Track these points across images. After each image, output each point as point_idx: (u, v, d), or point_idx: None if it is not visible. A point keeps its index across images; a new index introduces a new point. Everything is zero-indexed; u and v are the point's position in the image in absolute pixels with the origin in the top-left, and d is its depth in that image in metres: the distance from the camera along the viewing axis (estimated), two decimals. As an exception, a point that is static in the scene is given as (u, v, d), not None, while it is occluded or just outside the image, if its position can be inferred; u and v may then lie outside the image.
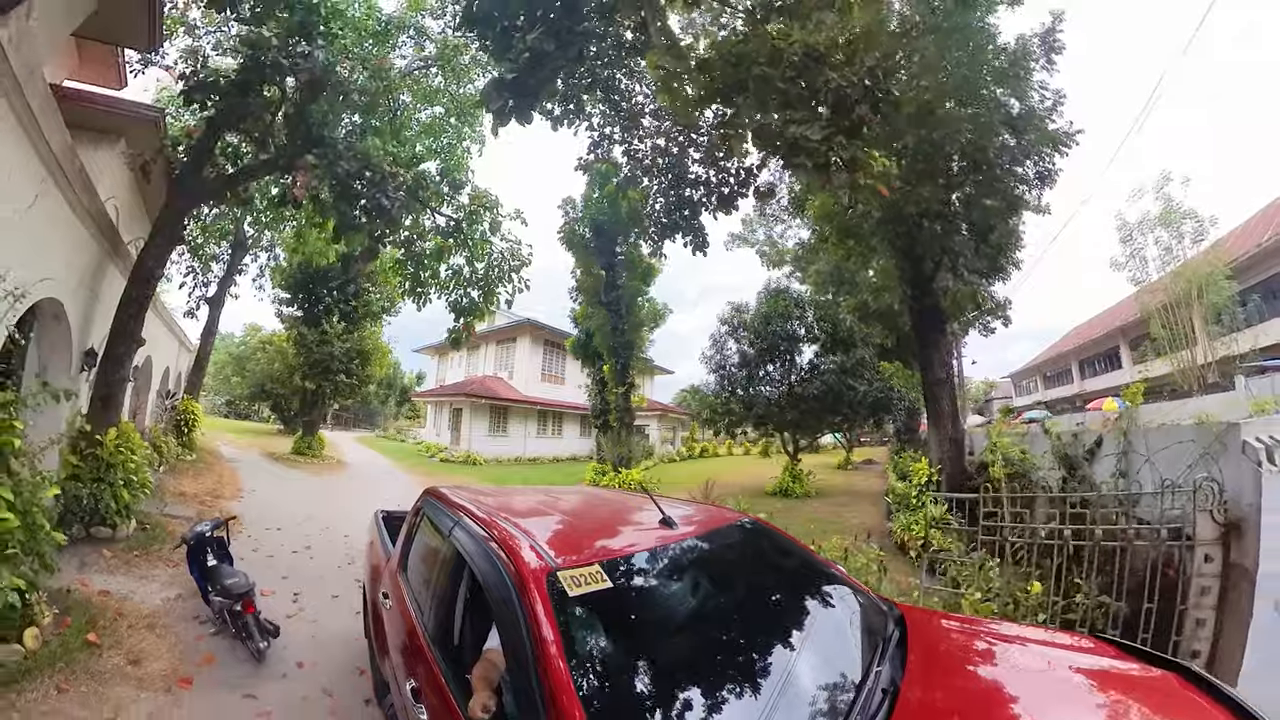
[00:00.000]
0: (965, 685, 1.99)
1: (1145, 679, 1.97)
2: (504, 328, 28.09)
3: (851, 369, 15.71)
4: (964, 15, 9.29)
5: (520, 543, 2.08)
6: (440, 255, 9.61)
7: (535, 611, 1.69)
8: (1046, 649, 2.22)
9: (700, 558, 2.43)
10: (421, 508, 3.29)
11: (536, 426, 28.29)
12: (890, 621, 2.33)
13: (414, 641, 2.45)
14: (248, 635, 4.09)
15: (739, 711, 1.65)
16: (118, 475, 5.88)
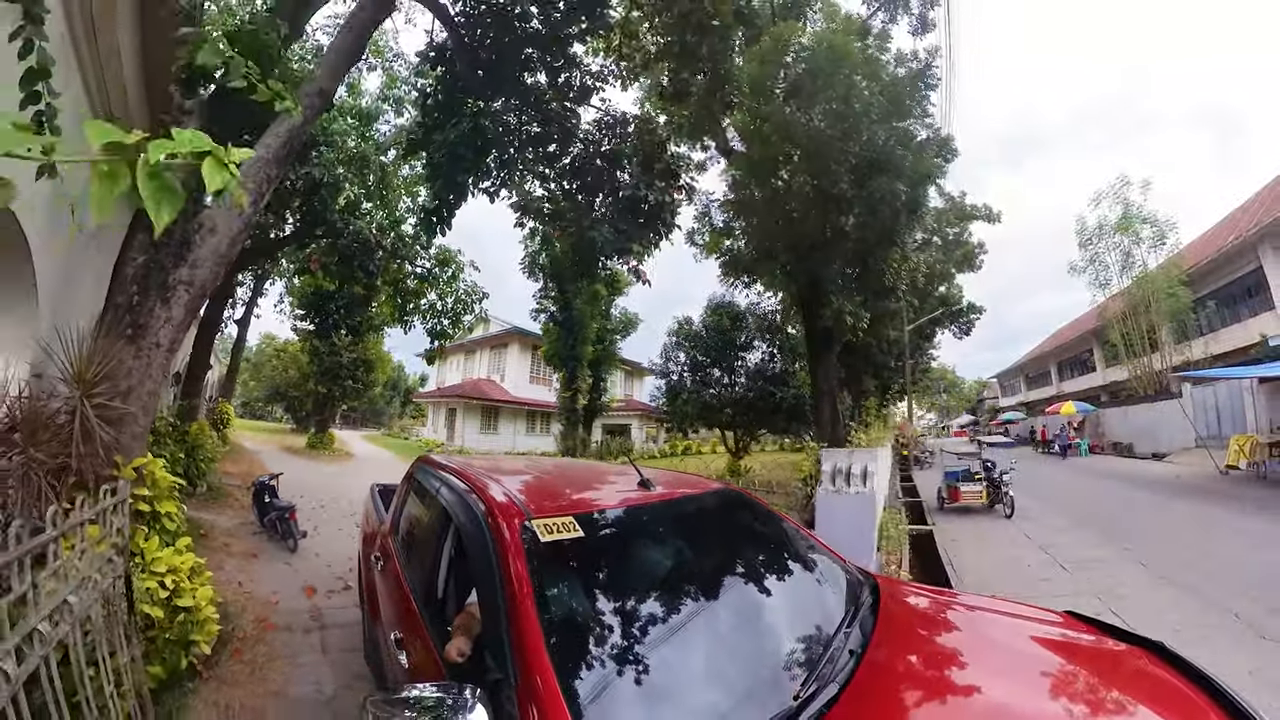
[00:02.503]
0: (929, 650, 2.16)
1: (1113, 652, 2.13)
2: (497, 334, 32.83)
3: (774, 377, 19.06)
4: (836, 66, 11.60)
5: (497, 494, 2.30)
6: (419, 293, 13.70)
7: (507, 557, 1.86)
8: (1015, 620, 2.42)
9: (676, 517, 2.64)
10: (414, 473, 3.62)
11: (525, 425, 32.97)
12: (864, 589, 2.53)
13: (402, 597, 2.72)
14: (288, 534, 7.74)
15: (707, 665, 1.81)
16: (198, 453, 9.84)
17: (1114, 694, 1.82)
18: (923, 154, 14.51)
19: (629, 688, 1.63)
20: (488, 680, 1.63)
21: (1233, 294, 23.64)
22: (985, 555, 8.96)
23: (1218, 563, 7.73)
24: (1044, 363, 44.24)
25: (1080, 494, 15.39)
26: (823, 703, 1.64)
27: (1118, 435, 26.80)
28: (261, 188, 4.90)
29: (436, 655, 2.04)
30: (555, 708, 1.44)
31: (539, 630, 1.63)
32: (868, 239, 13.75)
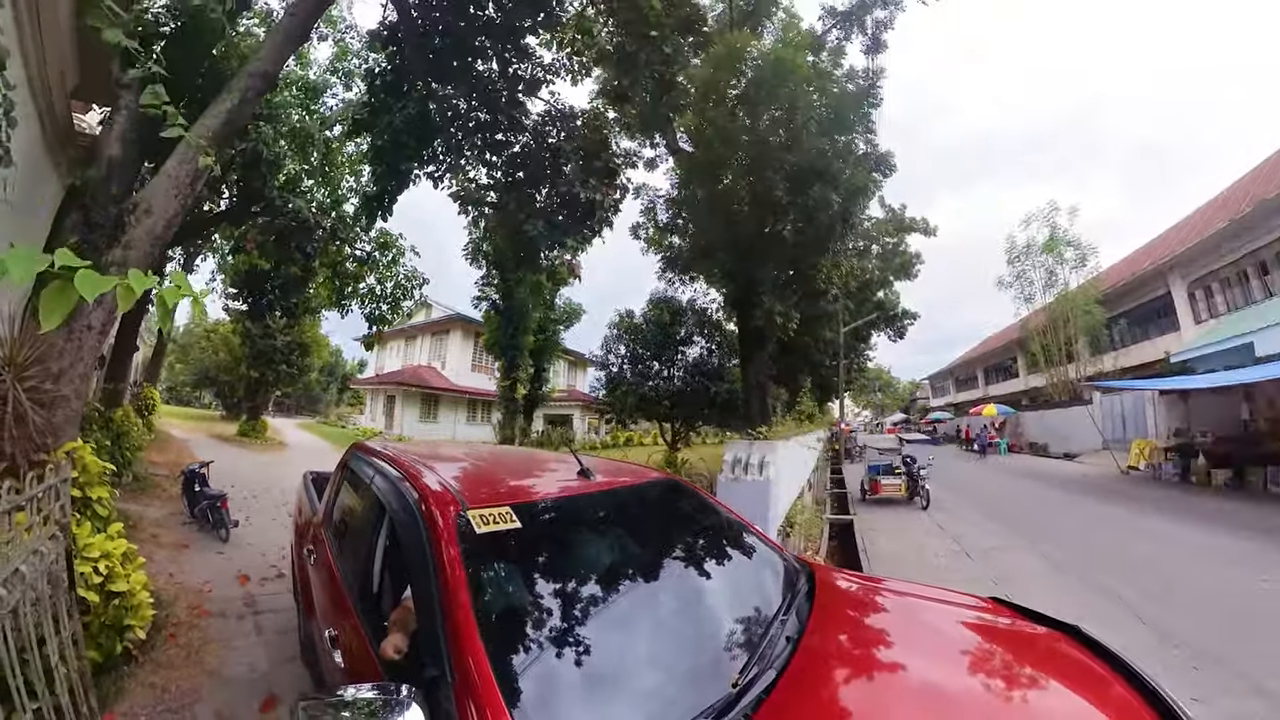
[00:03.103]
0: (863, 635, 2.27)
1: (1036, 636, 2.26)
2: (439, 321, 32.22)
3: (711, 372, 19.39)
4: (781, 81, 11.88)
5: (432, 484, 2.26)
6: (358, 276, 13.36)
7: (442, 549, 1.83)
8: (944, 607, 2.52)
9: (616, 506, 2.64)
10: (347, 461, 3.50)
11: (466, 413, 32.37)
12: (800, 577, 2.57)
13: (336, 591, 2.63)
14: (220, 524, 7.49)
15: (647, 655, 1.83)
16: (124, 441, 9.33)
17: (1033, 673, 1.98)
18: (860, 167, 15.02)
19: (569, 680, 1.64)
20: (425, 678, 1.58)
21: (1143, 315, 25.74)
22: (899, 543, 9.51)
23: (1109, 553, 8.49)
24: (972, 367, 47.13)
25: (994, 489, 16.41)
26: (760, 689, 1.70)
27: (1034, 436, 28.69)
28: (198, 170, 4.75)
29: (372, 653, 1.97)
30: (493, 704, 1.42)
31: (474, 625, 1.61)
32: (802, 244, 14.26)
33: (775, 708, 1.64)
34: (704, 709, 1.58)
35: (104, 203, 4.38)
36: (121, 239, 4.24)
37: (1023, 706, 1.80)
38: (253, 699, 3.72)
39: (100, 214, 4.31)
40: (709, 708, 1.59)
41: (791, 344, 20.61)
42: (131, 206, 4.35)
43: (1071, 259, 27.11)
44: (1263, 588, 6.53)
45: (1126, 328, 27.00)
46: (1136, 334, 26.37)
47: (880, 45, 14.77)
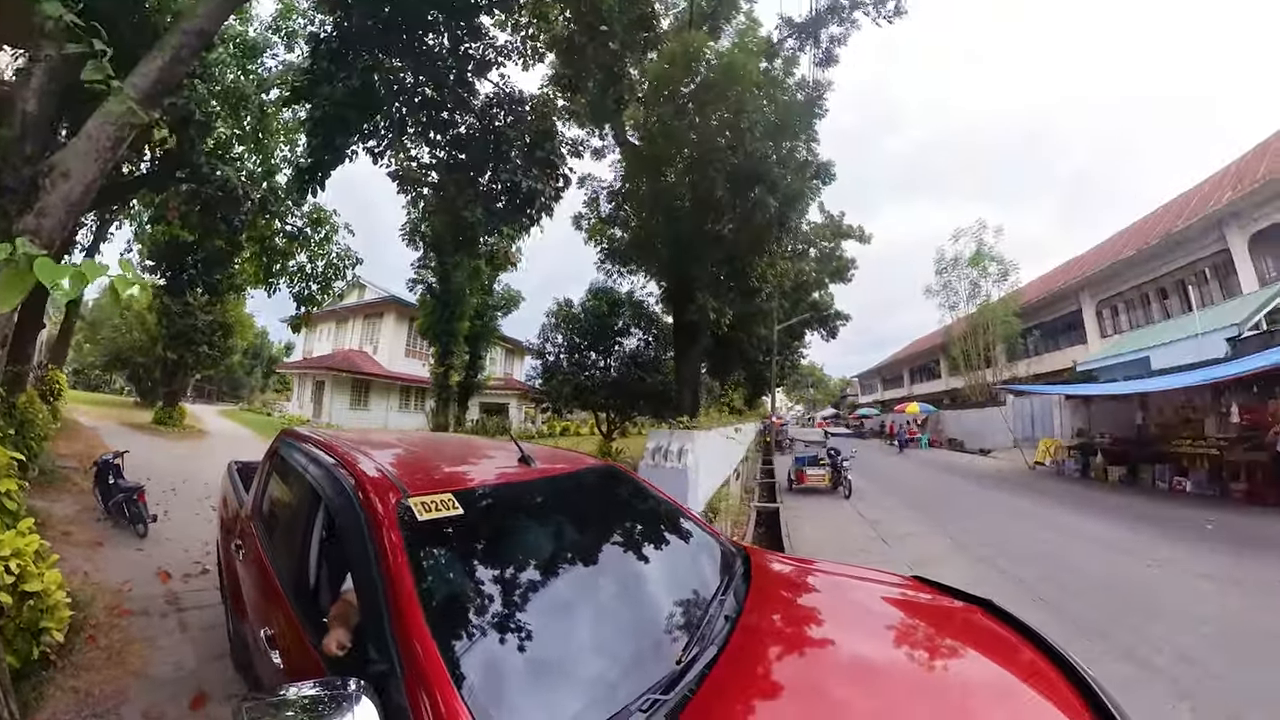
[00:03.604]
0: (796, 613, 2.39)
1: (953, 609, 2.45)
2: (372, 303, 30.81)
3: (647, 363, 19.51)
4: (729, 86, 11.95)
5: (371, 472, 2.18)
6: (287, 253, 12.66)
7: (383, 538, 1.78)
8: (870, 585, 2.68)
9: (558, 494, 2.65)
10: (277, 448, 3.36)
11: (399, 401, 31.20)
12: (737, 560, 2.66)
13: (269, 588, 2.50)
14: (137, 519, 6.99)
15: (595, 637, 1.86)
16: (28, 430, 8.52)
17: (951, 642, 2.16)
18: (801, 174, 15.39)
19: (520, 665, 1.65)
20: (372, 672, 1.55)
21: (1056, 328, 28.41)
22: (821, 529, 9.94)
23: (1012, 540, 9.15)
24: (899, 368, 49.93)
25: (913, 481, 17.31)
26: (704, 664, 1.78)
27: (953, 433, 30.52)
28: (123, 132, 4.44)
29: (314, 650, 1.88)
30: (446, 693, 1.41)
31: (422, 615, 1.58)
32: (740, 244, 14.60)
33: (717, 682, 1.72)
34: (651, 686, 1.65)
35: (17, 164, 4.03)
36: (35, 205, 3.90)
37: (943, 672, 1.96)
38: (181, 697, 3.58)
39: (12, 177, 3.96)
40: (655, 684, 1.66)
41: (726, 339, 20.89)
42: (47, 169, 4.02)
43: (995, 273, 29.19)
44: (1146, 572, 7.22)
45: (1040, 338, 29.58)
46: (1049, 344, 29.00)
47: (832, 59, 15.11)
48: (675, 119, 12.68)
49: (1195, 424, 14.07)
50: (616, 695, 1.61)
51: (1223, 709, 3.73)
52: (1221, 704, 3.79)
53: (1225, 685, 4.04)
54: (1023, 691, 1.84)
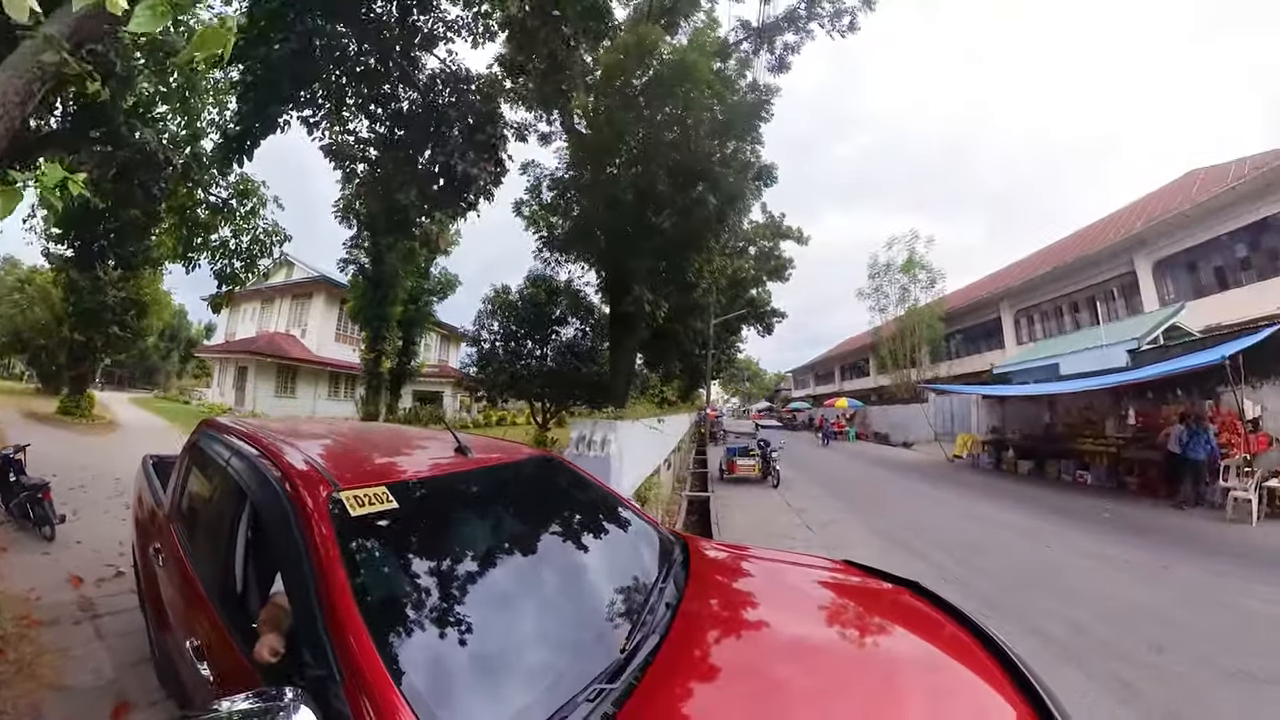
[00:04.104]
0: (734, 598, 2.43)
1: (882, 590, 2.56)
2: (301, 282, 29.00)
3: (584, 353, 19.28)
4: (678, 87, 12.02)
5: (300, 465, 2.06)
6: (210, 226, 11.79)
7: (315, 535, 1.69)
8: (804, 569, 2.77)
9: (497, 484, 2.59)
10: (197, 441, 3.15)
11: (328, 388, 29.55)
12: (675, 548, 2.69)
13: (193, 594, 2.33)
14: (43, 520, 6.32)
15: (538, 629, 1.82)
16: None
17: (881, 620, 2.27)
18: (743, 174, 15.59)
19: (463, 662, 1.60)
20: (309, 678, 1.47)
21: (977, 333, 30.42)
22: (748, 517, 10.16)
23: (927, 526, 9.63)
24: (831, 365, 51.79)
25: (839, 472, 17.84)
26: (647, 652, 1.78)
27: (879, 427, 31.84)
28: (33, 86, 3.99)
29: (245, 659, 1.76)
30: (388, 695, 1.35)
31: (358, 615, 1.50)
32: (678, 239, 14.64)
33: (661, 668, 1.72)
34: (596, 675, 1.63)
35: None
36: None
37: (875, 648, 2.05)
38: (102, 708, 3.29)
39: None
40: (602, 673, 1.64)
41: (664, 331, 21.07)
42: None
43: (924, 280, 30.98)
44: (1048, 554, 7.78)
45: (962, 342, 31.48)
46: (970, 348, 30.95)
47: (785, 65, 15.35)
48: (623, 110, 12.58)
49: (1096, 424, 15.04)
50: (562, 686, 1.57)
51: (1109, 673, 4.11)
52: (1108, 669, 4.17)
53: (1111, 653, 4.44)
54: (949, 664, 1.95)
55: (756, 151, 18.30)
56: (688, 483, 14.87)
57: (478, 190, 9.48)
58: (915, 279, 31.10)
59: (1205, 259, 18.11)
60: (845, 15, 14.42)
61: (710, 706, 1.65)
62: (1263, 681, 3.98)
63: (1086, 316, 22.23)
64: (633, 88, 12.52)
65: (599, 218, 14.58)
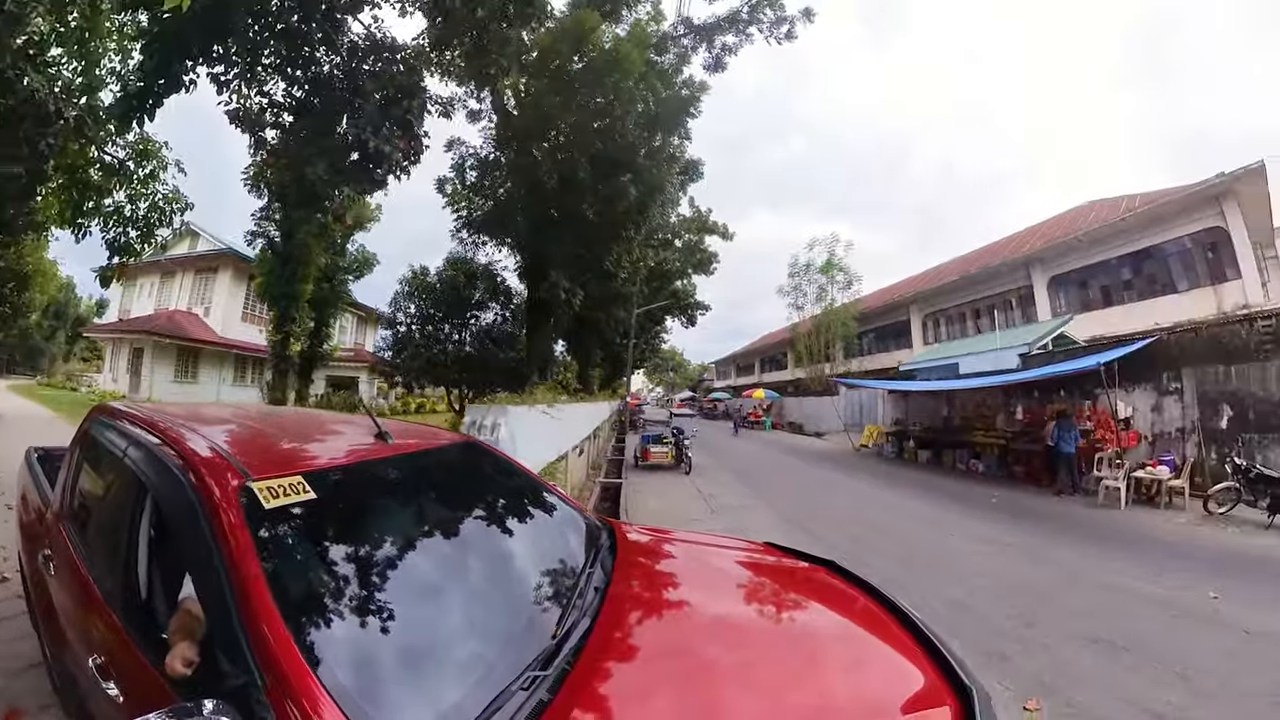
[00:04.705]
0: (660, 580, 2.49)
1: (802, 569, 2.66)
2: (205, 255, 26.57)
3: (502, 339, 18.91)
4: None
5: (206, 454, 1.89)
6: (103, 189, 10.63)
7: (226, 532, 1.55)
8: (727, 551, 2.86)
9: (419, 471, 2.47)
10: (89, 430, 2.87)
11: (234, 372, 27.36)
12: (602, 533, 2.69)
13: (92, 604, 2.10)
14: None
15: (468, 619, 1.77)
16: None
17: (801, 598, 2.40)
18: (668, 168, 15.69)
19: (393, 657, 1.52)
20: (229, 687, 1.35)
21: (888, 333, 32.25)
22: (659, 502, 10.43)
23: (829, 509, 10.22)
24: (751, 357, 53.82)
25: (752, 459, 18.51)
26: (579, 636, 1.77)
27: (794, 417, 33.32)
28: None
29: (157, 673, 1.57)
30: (315, 698, 1.27)
31: (278, 616, 1.39)
32: (599, 227, 14.75)
33: (593, 652, 1.71)
34: (530, 662, 1.60)
35: None
36: None
37: (795, 624, 2.19)
38: None
39: None
40: (534, 660, 1.62)
41: (585, 319, 20.94)
42: None
43: (841, 281, 32.47)
44: (938, 536, 8.34)
45: (874, 340, 33.29)
46: (880, 346, 32.79)
47: (721, 65, 15.50)
48: (555, 94, 12.36)
49: (989, 419, 16.20)
50: (496, 676, 1.53)
51: (985, 645, 4.44)
52: (984, 642, 4.51)
53: (988, 627, 4.82)
54: (864, 636, 2.07)
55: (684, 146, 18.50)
56: (603, 469, 14.98)
57: (391, 167, 9.01)
58: (833, 280, 32.47)
59: (1094, 278, 20.38)
60: (785, 23, 14.71)
61: (641, 686, 1.67)
62: (1120, 648, 4.41)
63: (987, 322, 24.00)
64: (568, 72, 12.30)
65: (521, 201, 14.35)
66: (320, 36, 8.40)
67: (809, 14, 14.59)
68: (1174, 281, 17.84)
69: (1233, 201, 16.05)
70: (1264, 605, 5.30)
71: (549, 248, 14.66)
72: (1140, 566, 6.64)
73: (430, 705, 1.41)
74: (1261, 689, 3.75)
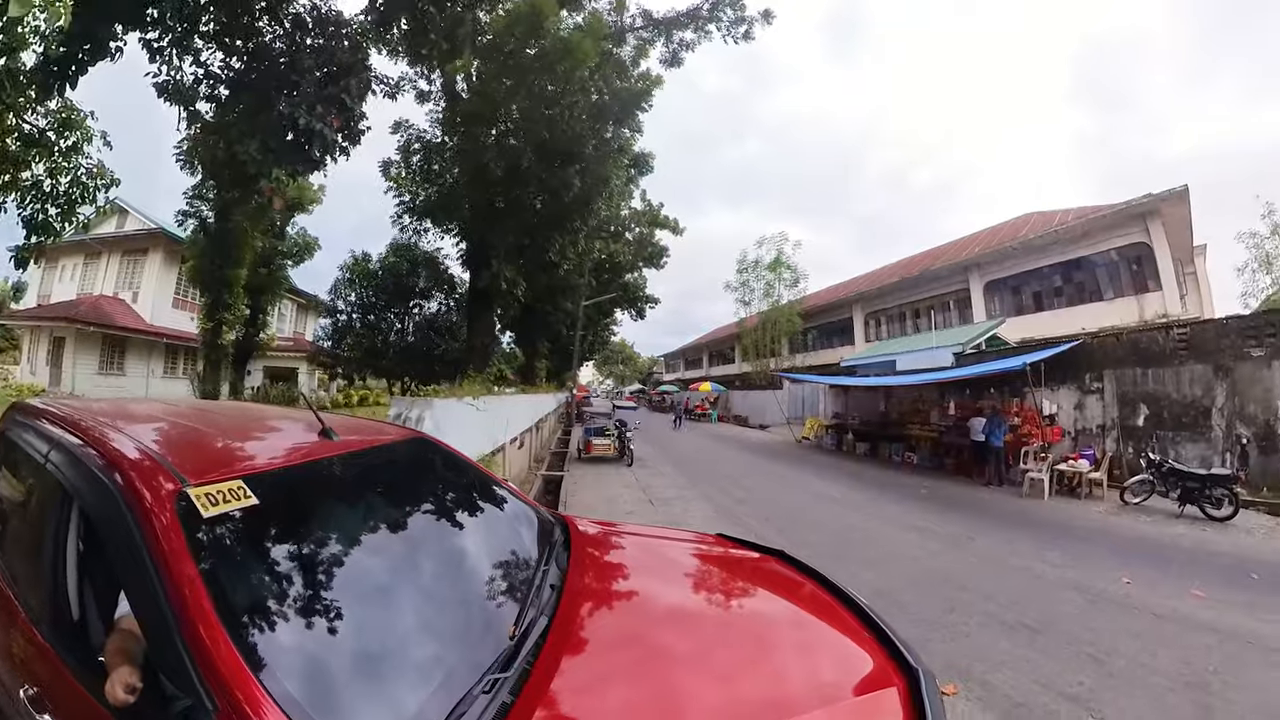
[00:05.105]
0: (616, 574, 2.50)
1: (752, 559, 2.73)
2: (134, 235, 24.54)
3: (445, 329, 18.55)
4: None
5: (136, 458, 1.73)
6: (21, 160, 9.83)
7: (162, 544, 1.43)
8: (681, 543, 2.89)
9: (368, 471, 2.36)
10: (5, 430, 2.60)
11: (164, 364, 25.30)
12: (555, 528, 2.68)
13: (16, 628, 1.92)
14: None
15: (425, 623, 1.71)
16: None
17: (753, 586, 2.48)
18: (615, 160, 15.61)
19: (349, 668, 1.45)
20: (177, 711, 1.26)
21: (831, 330, 33.54)
22: (598, 493, 10.52)
23: (764, 501, 10.44)
24: (700, 351, 54.65)
25: (695, 450, 18.76)
26: (537, 635, 1.76)
27: (739, 410, 33.96)
28: None
29: (96, 702, 1.42)
30: (269, 717, 1.20)
31: (225, 632, 1.30)
32: (544, 217, 14.71)
33: (553, 650, 1.70)
34: (490, 665, 1.57)
35: None
36: None
37: (748, 611, 2.28)
38: None
39: None
40: (494, 662, 1.59)
41: (531, 310, 20.76)
42: None
43: (788, 279, 33.36)
44: (870, 525, 8.68)
45: (818, 336, 34.53)
46: (824, 342, 34.03)
47: (678, 61, 15.45)
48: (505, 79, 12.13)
49: (923, 413, 16.85)
50: (456, 681, 1.48)
51: (904, 630, 4.65)
52: (905, 627, 4.75)
53: (909, 613, 4.97)
54: (813, 622, 2.16)
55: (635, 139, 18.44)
56: (545, 462, 14.97)
57: (326, 147, 8.62)
58: (781, 277, 33.18)
59: (1027, 285, 21.81)
60: (744, 24, 14.77)
61: (602, 683, 1.67)
62: (1035, 632, 4.64)
63: (926, 322, 25.25)
64: (524, 57, 12.07)
65: (466, 188, 14.04)
66: (264, 5, 7.98)
67: (768, 16, 14.71)
68: (1101, 290, 19.28)
69: (1157, 220, 17.50)
70: (1172, 589, 5.68)
71: (492, 236, 14.41)
72: (1059, 553, 7.01)
73: (391, 715, 1.36)
74: (1167, 669, 4.00)
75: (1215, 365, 10.39)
